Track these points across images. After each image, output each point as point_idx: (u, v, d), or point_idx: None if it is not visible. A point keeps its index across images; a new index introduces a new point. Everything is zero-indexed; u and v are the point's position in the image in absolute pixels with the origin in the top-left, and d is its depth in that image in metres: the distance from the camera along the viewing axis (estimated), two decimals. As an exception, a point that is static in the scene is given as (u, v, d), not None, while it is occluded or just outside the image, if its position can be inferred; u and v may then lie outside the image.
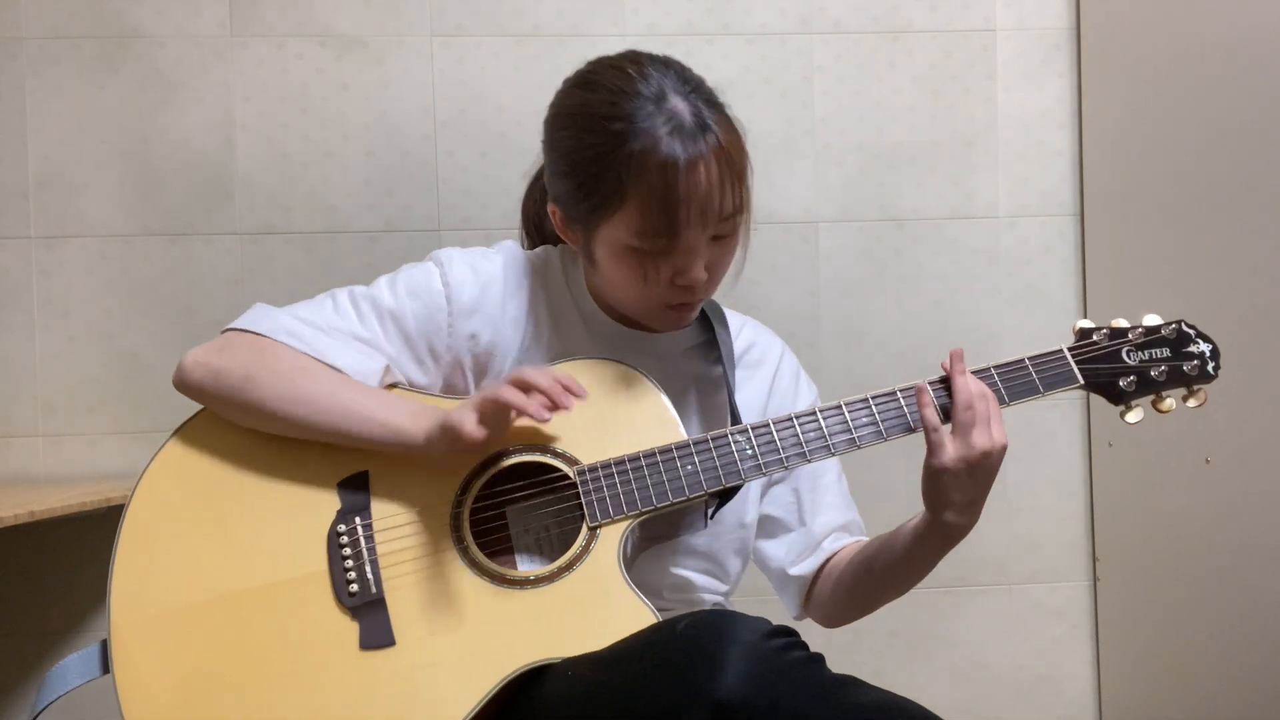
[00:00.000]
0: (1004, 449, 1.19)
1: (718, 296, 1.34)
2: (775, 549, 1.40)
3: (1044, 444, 2.03)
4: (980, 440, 1.18)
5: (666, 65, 1.23)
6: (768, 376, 1.39)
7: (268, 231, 1.92)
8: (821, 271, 2.00)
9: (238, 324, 1.26)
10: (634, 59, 1.23)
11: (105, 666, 1.16)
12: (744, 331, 1.41)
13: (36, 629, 1.88)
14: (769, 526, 1.40)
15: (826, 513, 1.39)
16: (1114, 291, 1.96)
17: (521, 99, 1.94)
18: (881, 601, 1.37)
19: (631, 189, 1.16)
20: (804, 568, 1.39)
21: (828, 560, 1.39)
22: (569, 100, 1.24)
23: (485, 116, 1.94)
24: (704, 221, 1.19)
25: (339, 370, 1.23)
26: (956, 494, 1.20)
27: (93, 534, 1.19)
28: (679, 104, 1.18)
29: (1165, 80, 1.81)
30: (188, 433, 1.24)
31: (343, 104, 1.93)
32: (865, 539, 1.39)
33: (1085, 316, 2.01)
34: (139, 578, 1.17)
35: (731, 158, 1.19)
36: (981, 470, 1.19)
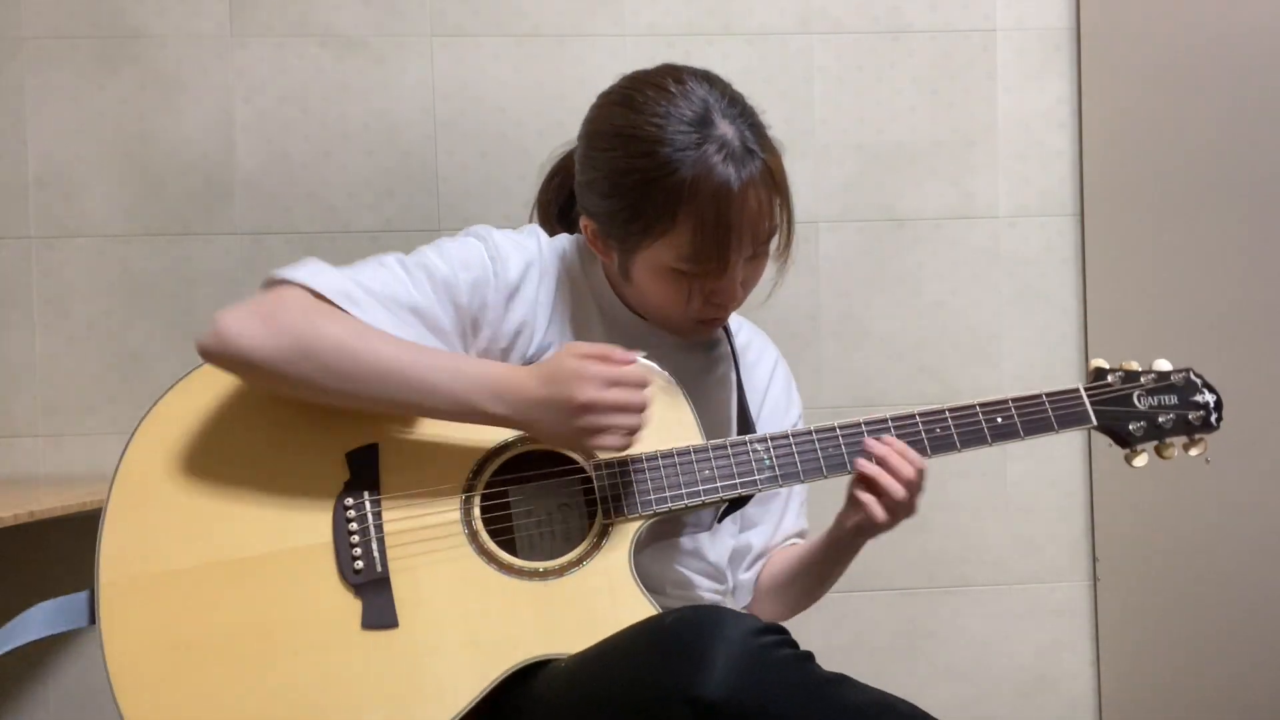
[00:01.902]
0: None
1: None
2: (741, 544, 1.41)
3: (1044, 444, 2.02)
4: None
5: (710, 83, 1.21)
6: (763, 380, 1.40)
7: (268, 231, 1.92)
8: (821, 271, 2.00)
9: (286, 274, 1.18)
10: (675, 76, 1.21)
11: (92, 617, 1.13)
12: (742, 331, 1.42)
13: (36, 629, 1.88)
14: (745, 522, 1.41)
15: (789, 518, 1.42)
16: (1114, 292, 1.96)
17: (521, 99, 1.94)
18: (798, 608, 1.39)
19: (682, 218, 1.16)
20: (750, 574, 1.40)
21: (765, 566, 1.41)
22: (612, 119, 1.22)
23: (485, 117, 1.94)
24: (752, 245, 1.20)
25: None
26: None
27: (93, 534, 1.18)
28: (726, 128, 1.17)
29: (1165, 80, 1.81)
30: (187, 386, 1.19)
31: (343, 104, 1.93)
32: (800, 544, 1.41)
33: (1085, 316, 2.02)
34: (132, 535, 1.13)
35: (776, 181, 1.20)
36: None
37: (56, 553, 1.88)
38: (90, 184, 1.90)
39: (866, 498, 1.20)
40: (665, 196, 1.15)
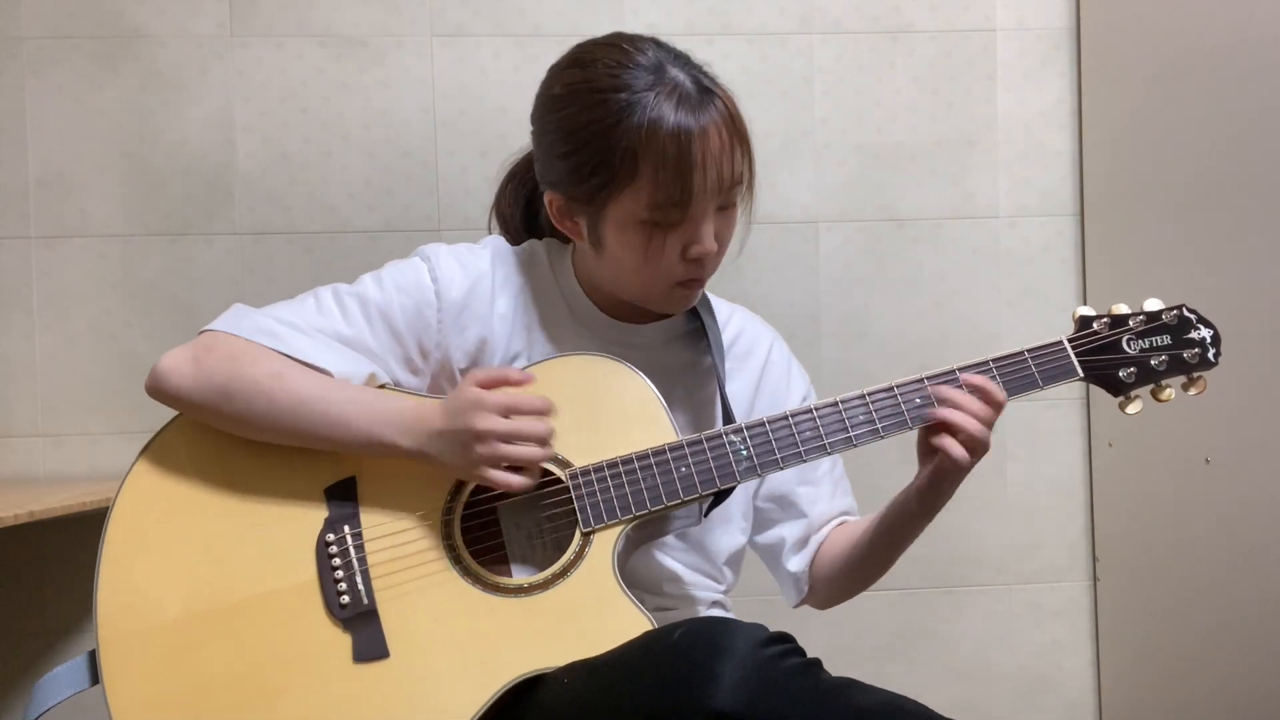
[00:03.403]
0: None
1: (718, 288, 1.33)
2: (772, 539, 1.40)
3: (1044, 444, 2.03)
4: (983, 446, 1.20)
5: (658, 43, 1.23)
6: (757, 367, 1.37)
7: (268, 231, 1.92)
8: (821, 271, 2.00)
9: (214, 325, 1.23)
10: (623, 36, 1.24)
11: (94, 677, 1.15)
12: (732, 320, 1.39)
13: (36, 629, 1.88)
14: (767, 516, 1.39)
15: (822, 503, 1.39)
16: (1114, 291, 1.96)
17: (522, 99, 1.91)
18: (872, 580, 1.37)
19: (645, 159, 1.15)
20: (799, 562, 1.38)
21: (818, 550, 1.38)
22: (564, 80, 1.22)
23: (485, 117, 1.94)
24: (718, 188, 1.18)
25: (319, 370, 1.19)
26: (951, 487, 1.25)
27: (93, 534, 1.18)
28: (679, 74, 1.18)
29: (1165, 80, 1.81)
30: (163, 442, 1.21)
31: (343, 104, 1.93)
32: (854, 520, 1.40)
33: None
34: (125, 591, 1.15)
35: (736, 123, 1.20)
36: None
37: (56, 553, 1.88)
38: (90, 184, 1.90)
39: (943, 440, 1.18)
40: (624, 142, 1.15)
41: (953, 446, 1.17)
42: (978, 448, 1.18)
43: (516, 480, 1.14)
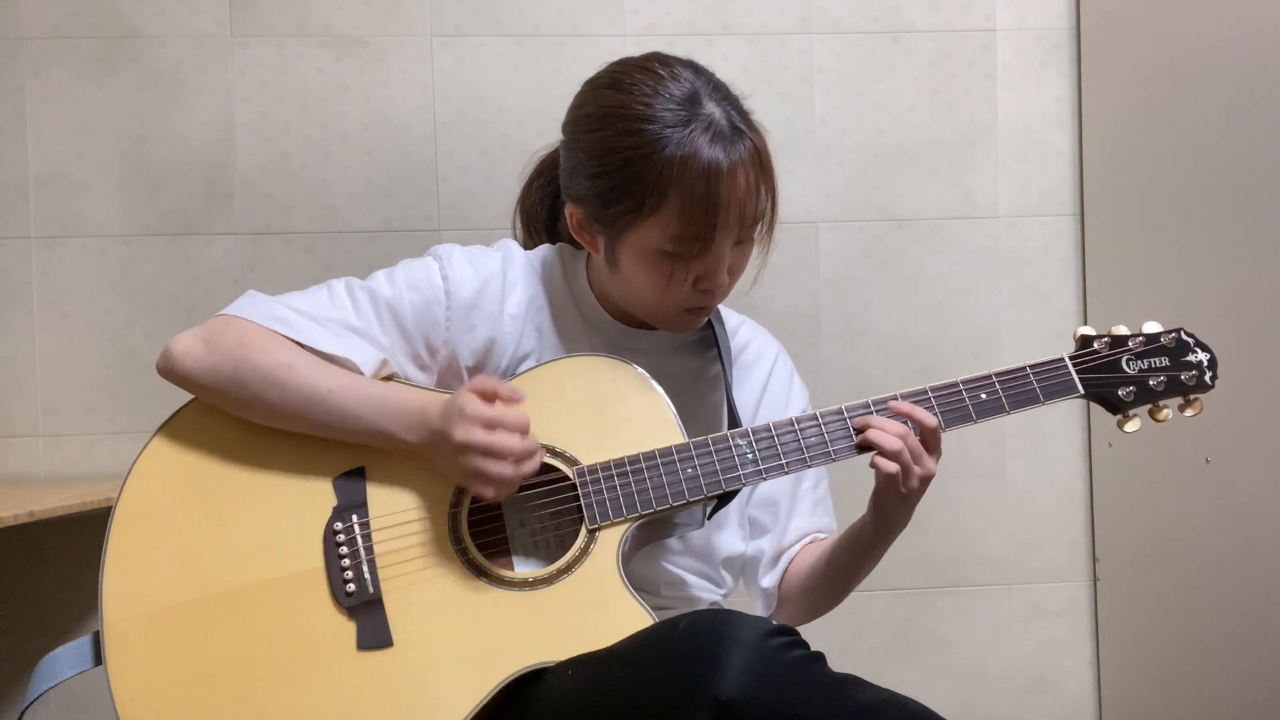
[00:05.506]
0: (932, 477, 1.22)
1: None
2: (753, 551, 1.40)
3: (1044, 444, 2.03)
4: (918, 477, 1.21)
5: (695, 70, 1.23)
6: (761, 378, 1.39)
7: (268, 231, 1.92)
8: (821, 271, 2.00)
9: (229, 310, 1.24)
10: (662, 60, 1.23)
11: (97, 658, 1.16)
12: (741, 330, 1.41)
13: (36, 628, 1.88)
14: (755, 526, 1.40)
15: (799, 518, 1.40)
16: (1114, 292, 1.96)
17: (521, 99, 1.94)
18: (835, 600, 1.39)
19: (672, 194, 1.16)
20: (770, 579, 1.40)
21: (788, 568, 1.40)
22: (600, 101, 1.22)
23: (485, 116, 1.94)
24: (739, 226, 1.20)
25: (331, 357, 1.20)
26: (903, 513, 1.26)
27: (93, 534, 1.19)
28: (714, 109, 1.18)
29: (1165, 80, 1.81)
30: (176, 425, 1.22)
31: (343, 104, 1.93)
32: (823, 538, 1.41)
33: (1085, 316, 2.02)
34: (131, 573, 1.16)
35: (763, 162, 1.20)
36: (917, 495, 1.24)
37: (56, 553, 1.88)
38: (90, 184, 1.90)
39: (874, 459, 1.20)
40: (654, 174, 1.16)
41: (881, 463, 1.20)
42: (903, 466, 1.19)
43: (490, 492, 1.14)
